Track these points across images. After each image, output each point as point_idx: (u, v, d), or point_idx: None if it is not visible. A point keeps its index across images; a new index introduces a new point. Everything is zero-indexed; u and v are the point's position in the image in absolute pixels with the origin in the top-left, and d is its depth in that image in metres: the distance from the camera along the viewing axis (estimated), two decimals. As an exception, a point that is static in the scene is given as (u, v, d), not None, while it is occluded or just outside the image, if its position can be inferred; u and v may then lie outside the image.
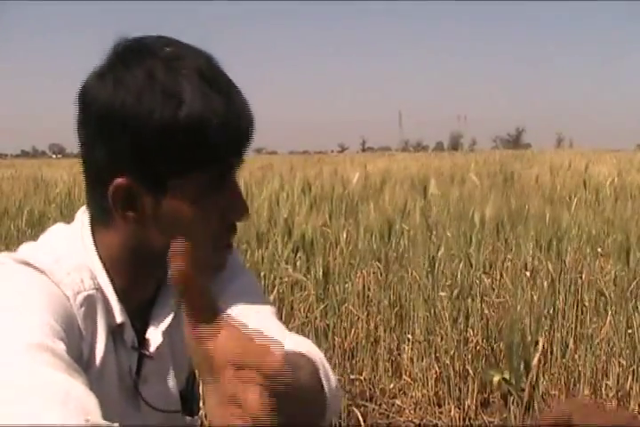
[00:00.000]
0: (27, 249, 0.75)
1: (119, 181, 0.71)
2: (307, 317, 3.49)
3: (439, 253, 3.61)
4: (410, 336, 3.52)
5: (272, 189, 4.38)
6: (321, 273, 3.42)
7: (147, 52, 0.71)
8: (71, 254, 0.75)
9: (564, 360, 3.41)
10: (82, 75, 0.75)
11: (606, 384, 3.32)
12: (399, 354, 3.60)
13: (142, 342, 0.80)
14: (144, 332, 0.81)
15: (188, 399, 0.86)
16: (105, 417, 0.74)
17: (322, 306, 3.40)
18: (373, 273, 3.95)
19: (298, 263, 3.61)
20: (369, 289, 3.92)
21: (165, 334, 0.82)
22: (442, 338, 3.36)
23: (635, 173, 7.47)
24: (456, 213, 4.30)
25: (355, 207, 4.96)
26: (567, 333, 3.49)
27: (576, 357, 3.43)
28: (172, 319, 0.83)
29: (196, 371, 0.53)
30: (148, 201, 0.72)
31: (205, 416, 2.98)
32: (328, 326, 3.42)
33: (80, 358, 0.69)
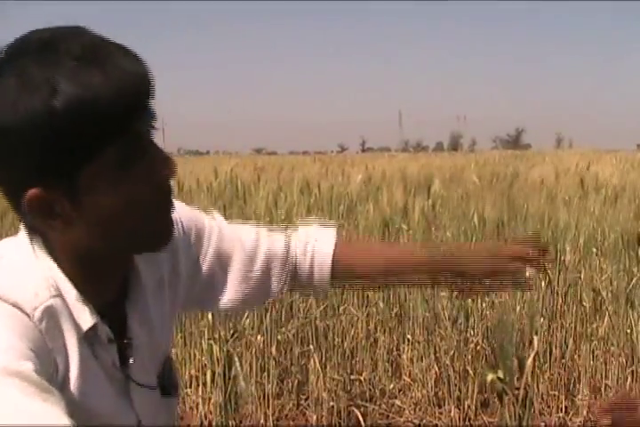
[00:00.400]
0: None
1: (29, 193, 0.67)
2: (306, 317, 3.49)
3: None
4: (409, 337, 3.52)
5: (269, 190, 4.38)
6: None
7: (16, 53, 0.67)
8: (22, 268, 0.72)
9: (563, 360, 3.42)
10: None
11: (606, 384, 3.32)
12: (399, 354, 3.60)
13: (122, 330, 0.80)
14: (122, 319, 0.81)
15: (165, 382, 0.87)
16: (101, 417, 0.75)
17: (321, 306, 3.40)
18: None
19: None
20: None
21: (143, 319, 0.82)
22: (442, 338, 3.36)
23: (634, 174, 7.46)
24: (456, 212, 4.31)
25: (353, 207, 4.96)
26: (566, 333, 3.49)
27: (575, 357, 3.44)
28: (150, 303, 0.83)
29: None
30: (64, 204, 0.69)
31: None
32: (328, 326, 3.42)
33: (55, 372, 0.69)
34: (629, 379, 3.30)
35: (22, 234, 0.76)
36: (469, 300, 3.44)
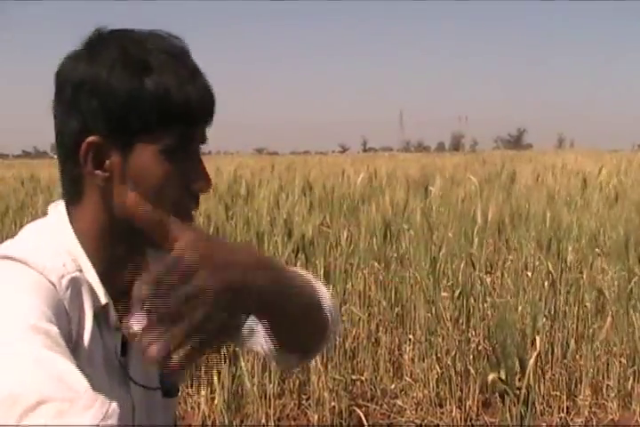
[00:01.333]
0: (4, 245, 0.78)
1: (90, 138, 0.76)
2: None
3: (440, 254, 3.60)
4: (411, 337, 3.52)
5: (271, 190, 4.38)
6: (322, 273, 3.42)
7: (119, 36, 0.80)
8: (49, 241, 0.78)
9: (565, 361, 3.41)
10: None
11: (607, 385, 3.32)
12: (400, 354, 3.60)
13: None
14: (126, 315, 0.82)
15: (166, 384, 0.88)
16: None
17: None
18: (374, 273, 3.96)
19: (298, 264, 3.61)
20: (370, 289, 3.92)
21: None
22: (443, 338, 3.36)
23: (635, 174, 7.46)
24: (457, 213, 4.30)
25: (355, 207, 4.96)
26: (568, 333, 3.49)
27: (577, 357, 3.43)
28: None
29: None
30: (115, 158, 0.77)
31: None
32: (329, 326, 3.42)
33: (69, 341, 0.72)
34: (631, 379, 3.30)
35: (51, 214, 0.83)
36: (471, 300, 3.44)
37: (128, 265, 0.83)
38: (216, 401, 3.07)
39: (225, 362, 3.07)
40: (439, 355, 3.33)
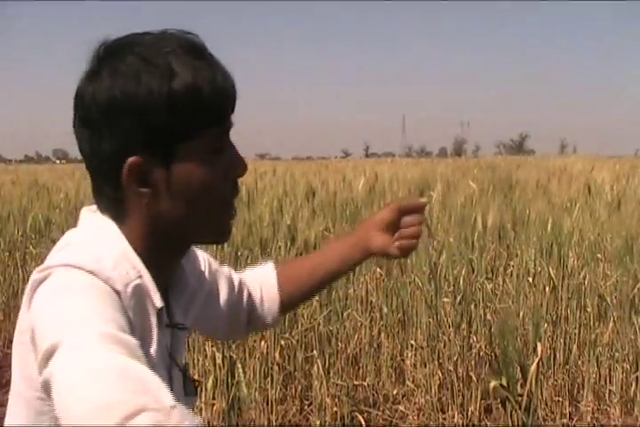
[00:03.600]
0: (64, 252, 0.76)
1: (131, 159, 0.75)
2: (310, 322, 3.49)
3: (441, 259, 3.61)
4: (413, 342, 3.52)
5: (274, 195, 4.39)
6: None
7: (131, 44, 0.78)
8: (109, 250, 0.77)
9: (567, 366, 3.41)
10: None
11: (610, 390, 3.31)
12: (402, 360, 3.60)
13: (169, 317, 0.86)
14: (167, 308, 0.86)
15: (186, 384, 0.91)
16: None
17: (325, 312, 3.40)
18: (376, 279, 3.96)
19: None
20: (371, 295, 3.92)
21: (185, 309, 0.90)
22: (445, 344, 3.35)
23: (636, 179, 7.45)
24: (458, 218, 4.30)
25: (358, 213, 4.96)
26: (570, 338, 3.49)
27: (579, 363, 3.43)
28: (187, 296, 0.91)
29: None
30: (159, 172, 0.77)
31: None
32: (331, 331, 3.42)
33: None
34: (634, 385, 3.29)
35: (96, 220, 0.82)
36: (472, 306, 3.44)
37: (172, 267, 0.88)
38: (216, 407, 3.07)
39: (223, 367, 3.07)
40: (441, 360, 3.33)
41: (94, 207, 0.83)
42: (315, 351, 3.31)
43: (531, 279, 3.71)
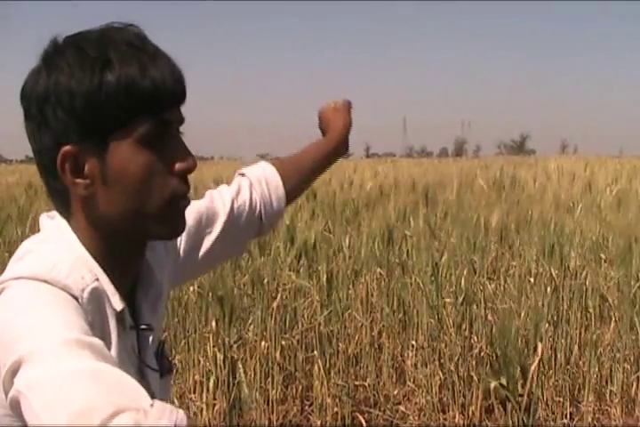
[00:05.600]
0: (17, 266, 0.76)
1: (65, 148, 0.76)
2: (310, 323, 3.49)
3: (443, 260, 3.60)
4: (414, 342, 3.52)
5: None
6: (324, 279, 3.42)
7: (76, 39, 0.79)
8: (62, 255, 0.76)
9: (568, 367, 3.40)
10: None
11: (611, 391, 3.31)
12: (403, 360, 3.60)
13: (135, 318, 0.85)
14: (132, 309, 0.85)
15: (161, 364, 0.90)
16: None
17: (325, 312, 3.40)
18: (377, 279, 3.96)
19: (301, 270, 3.61)
20: (372, 295, 3.92)
21: (153, 307, 0.88)
22: (446, 344, 3.35)
23: (637, 179, 7.46)
24: (460, 218, 4.30)
25: (357, 214, 4.96)
26: (571, 339, 3.48)
27: (580, 363, 3.43)
28: (155, 292, 0.89)
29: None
30: (93, 162, 0.77)
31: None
32: (332, 332, 3.42)
33: None
34: (634, 385, 3.29)
35: (52, 224, 0.82)
36: (474, 306, 3.44)
37: (133, 264, 0.86)
38: (217, 407, 3.07)
39: (224, 368, 3.07)
40: (442, 361, 3.33)
41: (53, 213, 0.84)
42: (315, 352, 3.31)
43: (532, 280, 3.71)
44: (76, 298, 0.71)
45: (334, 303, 3.43)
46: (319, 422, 3.18)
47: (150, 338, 0.87)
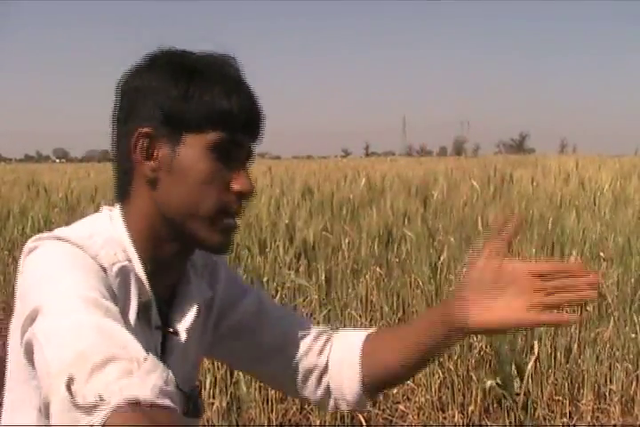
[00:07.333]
0: (60, 230, 0.81)
1: (143, 129, 0.82)
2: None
3: (442, 259, 3.60)
4: (413, 341, 3.51)
5: (272, 195, 4.39)
6: (323, 278, 3.42)
7: (175, 52, 0.87)
8: (102, 231, 0.81)
9: (567, 365, 3.40)
10: (85, 79, 0.85)
11: (610, 389, 3.30)
12: (402, 359, 3.59)
13: (166, 324, 0.86)
14: (166, 318, 0.87)
15: (191, 399, 0.88)
16: None
17: (324, 311, 3.40)
18: (376, 278, 3.95)
19: (300, 269, 3.61)
20: (371, 294, 3.91)
21: (184, 322, 0.87)
22: (445, 343, 3.34)
23: (637, 179, 7.45)
24: (459, 217, 4.30)
25: (356, 212, 4.96)
26: (570, 337, 3.48)
27: (579, 362, 3.42)
28: (195, 316, 0.88)
29: None
30: (165, 149, 0.82)
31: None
32: (331, 331, 3.41)
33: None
34: (634, 384, 3.28)
35: (104, 210, 0.87)
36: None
37: (172, 268, 0.87)
38: (216, 405, 3.07)
39: (222, 366, 3.07)
40: (441, 360, 3.32)
41: (112, 208, 0.87)
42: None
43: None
44: (104, 269, 0.76)
45: (333, 302, 3.43)
46: (318, 422, 3.17)
47: (177, 351, 0.86)
